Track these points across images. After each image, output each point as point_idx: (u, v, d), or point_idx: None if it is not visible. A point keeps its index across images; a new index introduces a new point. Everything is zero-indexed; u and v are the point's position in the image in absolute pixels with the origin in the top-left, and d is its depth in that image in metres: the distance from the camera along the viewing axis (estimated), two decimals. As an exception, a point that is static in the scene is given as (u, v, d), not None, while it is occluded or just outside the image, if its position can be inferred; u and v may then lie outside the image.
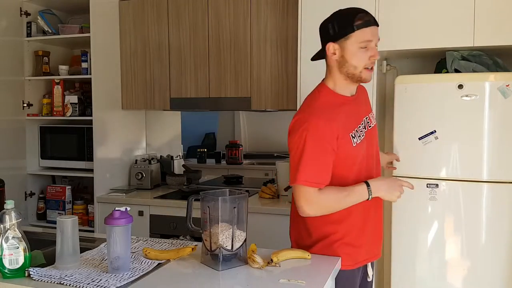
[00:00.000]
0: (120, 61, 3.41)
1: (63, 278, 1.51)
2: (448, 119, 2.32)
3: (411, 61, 2.88)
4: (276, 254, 1.67)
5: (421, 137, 2.37)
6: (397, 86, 2.44)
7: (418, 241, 2.40)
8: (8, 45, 3.26)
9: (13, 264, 1.54)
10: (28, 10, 3.36)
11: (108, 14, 3.33)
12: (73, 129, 3.39)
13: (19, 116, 3.37)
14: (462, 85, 2.27)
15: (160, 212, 3.08)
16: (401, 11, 2.48)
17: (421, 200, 2.36)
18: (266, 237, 2.56)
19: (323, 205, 1.69)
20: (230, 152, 4.73)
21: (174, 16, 3.24)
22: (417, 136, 2.37)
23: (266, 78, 2.99)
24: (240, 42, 3.05)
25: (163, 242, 1.94)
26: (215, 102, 3.16)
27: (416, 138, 2.38)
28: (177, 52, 3.24)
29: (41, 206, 3.48)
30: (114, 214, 1.56)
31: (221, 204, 1.63)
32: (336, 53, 1.71)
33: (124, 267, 1.58)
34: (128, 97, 3.42)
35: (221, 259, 1.62)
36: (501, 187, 2.26)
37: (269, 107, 3.04)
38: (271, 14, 2.96)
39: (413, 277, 2.42)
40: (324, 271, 1.61)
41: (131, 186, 3.47)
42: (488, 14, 2.33)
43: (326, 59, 1.77)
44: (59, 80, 3.38)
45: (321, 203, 1.68)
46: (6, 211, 1.54)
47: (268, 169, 4.27)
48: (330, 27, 1.73)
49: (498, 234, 2.26)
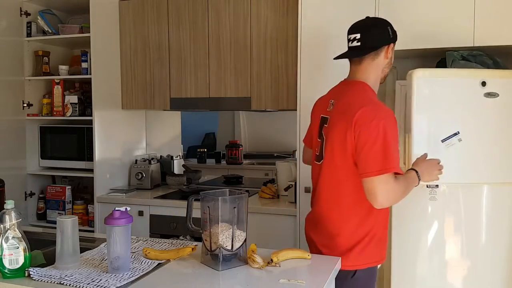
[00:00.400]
0: (120, 61, 3.41)
1: (63, 278, 1.51)
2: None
3: (411, 61, 2.88)
4: (276, 254, 1.67)
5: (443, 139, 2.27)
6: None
7: (418, 241, 2.40)
8: (8, 45, 3.26)
9: (13, 264, 1.54)
10: (28, 10, 3.36)
11: (108, 14, 3.33)
12: (73, 129, 3.39)
13: (19, 116, 3.37)
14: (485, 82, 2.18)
15: (160, 212, 3.08)
16: (401, 11, 2.48)
17: (421, 200, 2.36)
18: (266, 237, 2.56)
19: (397, 194, 1.75)
20: (230, 152, 4.73)
21: (174, 16, 3.24)
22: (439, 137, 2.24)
23: (266, 78, 2.99)
24: (240, 42, 3.05)
25: (163, 242, 1.94)
26: (215, 102, 3.16)
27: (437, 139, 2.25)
28: (177, 52, 3.24)
29: (41, 206, 3.48)
30: (114, 214, 1.56)
31: (221, 204, 1.63)
32: (390, 55, 1.86)
33: (124, 267, 1.58)
34: (128, 97, 3.41)
35: (221, 259, 1.62)
36: (501, 188, 2.26)
37: (269, 107, 3.04)
38: (271, 14, 2.96)
39: (413, 277, 2.42)
40: (324, 271, 1.61)
41: (131, 186, 3.47)
42: (488, 14, 2.33)
43: (374, 59, 1.84)
44: (59, 80, 3.38)
45: (397, 192, 1.74)
46: (6, 211, 1.54)
47: (268, 169, 4.27)
48: (389, 30, 1.86)
49: (498, 235, 2.26)
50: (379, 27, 1.86)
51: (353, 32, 1.86)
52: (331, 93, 1.98)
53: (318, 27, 2.65)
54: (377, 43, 1.83)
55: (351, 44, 1.87)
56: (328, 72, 2.63)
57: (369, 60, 1.84)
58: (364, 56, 1.84)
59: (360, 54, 1.84)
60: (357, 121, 1.70)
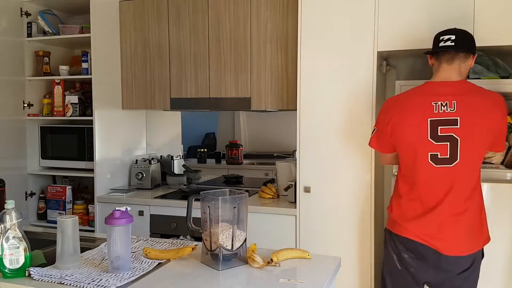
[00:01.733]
0: (121, 61, 3.41)
1: (64, 278, 1.51)
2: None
3: (411, 61, 2.89)
4: (276, 254, 1.68)
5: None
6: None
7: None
8: (8, 45, 3.27)
9: (13, 264, 1.54)
10: (29, 10, 3.36)
11: (108, 14, 3.33)
12: (74, 129, 3.40)
13: (20, 116, 3.37)
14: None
15: (160, 212, 3.08)
16: (401, 11, 2.48)
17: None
18: (266, 237, 2.56)
19: None
20: (230, 152, 4.73)
21: (174, 16, 3.24)
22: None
23: (266, 78, 2.99)
24: (240, 42, 3.05)
25: (163, 242, 1.94)
26: (215, 102, 3.16)
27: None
28: (177, 52, 3.24)
29: (42, 206, 3.48)
30: (114, 214, 1.57)
31: (221, 204, 1.63)
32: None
33: (124, 267, 1.58)
34: (128, 97, 3.42)
35: (221, 258, 1.62)
36: (501, 187, 2.27)
37: (269, 107, 3.04)
38: (271, 14, 2.96)
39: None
40: (324, 271, 1.61)
41: (131, 186, 3.47)
42: (488, 14, 2.33)
43: (464, 65, 2.01)
44: (60, 80, 3.38)
45: None
46: (6, 211, 1.55)
47: (268, 169, 4.27)
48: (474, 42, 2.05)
49: (498, 234, 2.26)
50: (471, 37, 2.05)
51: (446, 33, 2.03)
52: (431, 95, 1.97)
53: (318, 27, 2.66)
54: (468, 50, 2.02)
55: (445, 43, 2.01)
56: (328, 72, 2.64)
57: (463, 65, 2.02)
58: (430, 51, 2.08)
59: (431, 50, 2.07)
60: (497, 107, 1.92)
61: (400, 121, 1.99)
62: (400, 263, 2.02)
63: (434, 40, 2.07)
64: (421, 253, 1.96)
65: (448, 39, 1.99)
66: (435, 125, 1.91)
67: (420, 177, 1.96)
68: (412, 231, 1.96)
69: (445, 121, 1.90)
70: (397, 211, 2.03)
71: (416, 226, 1.96)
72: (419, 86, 2.05)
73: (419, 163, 1.95)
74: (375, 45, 2.53)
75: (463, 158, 1.90)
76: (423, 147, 1.93)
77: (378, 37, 2.52)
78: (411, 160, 1.98)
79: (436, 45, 2.04)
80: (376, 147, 2.17)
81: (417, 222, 1.96)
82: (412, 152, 1.96)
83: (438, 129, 1.90)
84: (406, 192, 2.01)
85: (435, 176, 1.93)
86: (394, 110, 2.03)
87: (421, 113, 1.94)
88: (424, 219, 1.94)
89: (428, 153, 1.92)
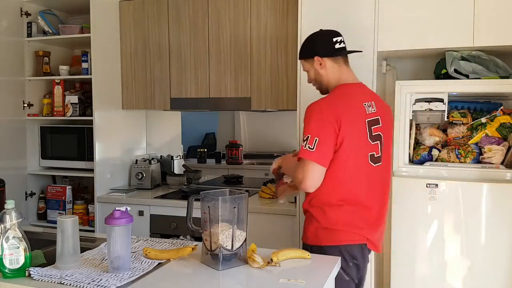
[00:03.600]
0: (120, 61, 3.41)
1: (64, 278, 1.51)
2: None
3: (411, 61, 2.88)
4: (276, 254, 1.67)
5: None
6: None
7: (418, 241, 2.40)
8: (8, 45, 3.26)
9: (13, 264, 1.54)
10: (29, 10, 3.36)
11: (108, 14, 3.33)
12: (74, 129, 3.40)
13: (20, 116, 3.37)
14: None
15: (160, 212, 3.08)
16: (401, 11, 2.48)
17: (420, 200, 2.36)
18: (266, 237, 2.56)
19: None
20: (230, 152, 4.73)
21: (174, 16, 3.24)
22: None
23: (266, 78, 3.00)
24: (240, 42, 3.05)
25: (163, 242, 1.94)
26: (215, 102, 3.16)
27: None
28: (177, 52, 3.24)
29: (42, 206, 3.48)
30: (114, 214, 1.57)
31: (221, 204, 1.63)
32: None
33: (124, 267, 1.58)
34: (128, 97, 3.42)
35: (221, 259, 1.62)
36: (501, 187, 2.27)
37: (269, 107, 3.04)
38: (271, 14, 2.96)
39: (413, 277, 2.42)
40: (324, 271, 1.61)
41: (131, 186, 3.47)
42: (488, 14, 2.33)
43: None
44: (60, 80, 3.38)
45: None
46: (6, 211, 1.54)
47: (268, 169, 4.24)
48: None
49: (498, 234, 2.26)
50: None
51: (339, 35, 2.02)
52: (358, 96, 1.96)
53: (318, 28, 2.65)
54: None
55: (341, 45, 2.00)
56: (328, 72, 2.64)
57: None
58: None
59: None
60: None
61: (347, 124, 1.84)
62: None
63: (325, 42, 1.99)
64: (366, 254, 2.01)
65: (341, 41, 2.00)
66: (370, 125, 1.92)
67: (358, 178, 1.90)
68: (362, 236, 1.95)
69: (375, 121, 1.93)
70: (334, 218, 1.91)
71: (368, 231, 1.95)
72: (339, 89, 1.95)
73: (361, 165, 1.90)
74: (375, 45, 2.53)
75: (384, 155, 1.98)
76: (365, 148, 1.92)
77: (378, 37, 2.52)
78: (353, 163, 1.88)
79: (332, 47, 1.97)
80: (320, 161, 1.82)
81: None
82: (356, 154, 1.88)
83: (372, 129, 1.92)
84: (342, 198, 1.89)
85: (364, 175, 1.91)
86: (336, 115, 1.83)
87: (359, 115, 1.91)
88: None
89: (368, 154, 1.92)
